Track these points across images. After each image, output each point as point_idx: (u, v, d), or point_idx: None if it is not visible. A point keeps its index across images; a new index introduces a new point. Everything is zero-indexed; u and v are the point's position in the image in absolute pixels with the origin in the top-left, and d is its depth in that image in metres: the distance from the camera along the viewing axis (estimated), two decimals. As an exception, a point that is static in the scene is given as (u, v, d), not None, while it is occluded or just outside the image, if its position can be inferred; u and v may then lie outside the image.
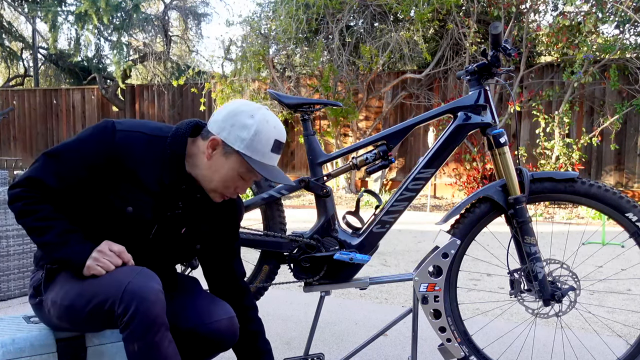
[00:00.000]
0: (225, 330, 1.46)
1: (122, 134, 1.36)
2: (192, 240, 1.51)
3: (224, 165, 1.38)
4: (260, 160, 1.38)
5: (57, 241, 1.33)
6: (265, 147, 1.37)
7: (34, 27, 13.08)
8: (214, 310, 1.47)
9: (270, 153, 1.38)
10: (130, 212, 1.38)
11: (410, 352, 1.93)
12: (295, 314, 2.86)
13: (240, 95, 8.57)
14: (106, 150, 1.35)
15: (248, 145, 1.36)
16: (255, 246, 1.94)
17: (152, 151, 1.38)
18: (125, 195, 1.37)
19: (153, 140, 1.39)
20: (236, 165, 1.38)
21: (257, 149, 1.36)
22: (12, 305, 2.92)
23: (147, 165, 1.38)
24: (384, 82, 8.56)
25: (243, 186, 1.43)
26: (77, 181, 1.36)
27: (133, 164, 1.36)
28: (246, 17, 8.64)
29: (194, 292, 1.53)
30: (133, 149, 1.36)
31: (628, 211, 1.78)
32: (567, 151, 7.10)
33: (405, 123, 1.90)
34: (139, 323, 1.23)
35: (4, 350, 1.38)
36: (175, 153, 1.39)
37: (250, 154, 1.36)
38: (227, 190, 1.42)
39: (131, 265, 1.36)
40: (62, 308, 1.35)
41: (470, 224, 1.85)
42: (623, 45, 6.80)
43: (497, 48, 1.76)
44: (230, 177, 1.39)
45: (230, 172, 1.38)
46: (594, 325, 2.67)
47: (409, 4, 7.38)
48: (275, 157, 1.41)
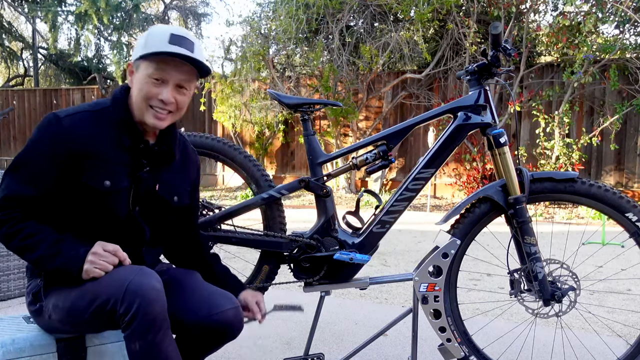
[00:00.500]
0: (232, 319, 1.47)
1: (68, 120, 1.38)
2: (168, 195, 1.52)
3: (138, 78, 1.41)
4: (157, 50, 1.37)
5: (49, 253, 1.33)
6: (160, 41, 1.37)
7: (34, 27, 13.08)
8: (219, 301, 1.48)
9: (169, 45, 1.37)
10: (108, 185, 1.39)
11: (410, 352, 1.93)
12: (296, 314, 2.85)
13: (240, 95, 8.57)
14: (60, 140, 1.36)
15: (144, 47, 1.39)
16: (255, 246, 1.94)
17: (102, 123, 1.41)
18: (97, 172, 1.38)
19: (98, 114, 1.42)
20: (144, 70, 1.40)
21: (154, 45, 1.38)
22: (12, 305, 2.92)
23: (103, 137, 1.40)
24: (384, 82, 8.55)
25: (162, 91, 1.40)
26: (51, 181, 1.36)
27: (91, 141, 1.38)
28: (246, 17, 8.64)
29: (197, 285, 1.54)
30: (84, 128, 1.38)
31: (628, 211, 1.78)
32: (567, 151, 7.10)
33: (405, 123, 1.90)
34: (140, 322, 1.24)
35: (4, 350, 1.38)
36: (122, 116, 1.42)
37: (148, 50, 1.38)
38: (152, 102, 1.40)
39: (130, 265, 1.37)
40: (65, 311, 1.35)
41: (470, 224, 1.85)
42: (623, 45, 6.80)
43: (497, 48, 1.76)
44: (145, 85, 1.40)
45: (143, 79, 1.40)
46: (594, 325, 2.67)
47: (409, 4, 7.38)
48: (178, 48, 1.37)
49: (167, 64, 1.39)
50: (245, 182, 2.05)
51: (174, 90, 1.41)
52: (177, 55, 1.37)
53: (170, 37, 1.38)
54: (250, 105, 8.79)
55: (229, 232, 1.94)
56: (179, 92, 1.43)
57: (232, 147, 2.01)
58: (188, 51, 1.39)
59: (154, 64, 1.39)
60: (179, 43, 1.38)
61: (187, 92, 1.45)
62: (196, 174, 1.64)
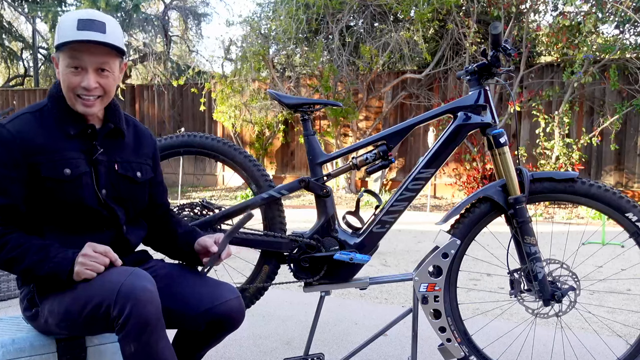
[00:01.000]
0: (235, 309, 1.48)
1: (10, 125, 1.40)
2: (131, 172, 1.53)
3: (61, 71, 1.42)
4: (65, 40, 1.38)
5: (36, 259, 1.33)
6: (69, 29, 1.38)
7: (34, 27, 13.08)
8: (221, 292, 1.49)
9: (78, 32, 1.37)
10: (69, 173, 1.40)
11: (410, 352, 1.93)
12: (295, 314, 2.86)
13: (240, 95, 8.58)
14: (11, 143, 1.37)
15: (57, 38, 1.40)
16: (255, 246, 1.94)
17: (44, 121, 1.44)
18: (54, 164, 1.40)
19: (39, 113, 1.45)
20: (63, 61, 1.41)
21: (64, 34, 1.38)
22: (12, 305, 2.92)
23: (49, 132, 1.42)
24: (384, 82, 8.55)
25: (83, 78, 1.40)
26: (20, 186, 1.37)
27: (39, 138, 1.40)
28: (246, 17, 8.64)
29: (197, 278, 1.54)
30: (29, 129, 1.40)
31: (628, 211, 1.78)
32: (567, 151, 7.10)
33: (405, 123, 1.91)
34: (134, 324, 1.24)
35: (4, 351, 1.38)
36: (61, 108, 1.45)
37: (58, 42, 1.40)
38: (77, 91, 1.41)
39: (123, 267, 1.37)
40: (60, 315, 1.35)
41: (470, 224, 1.85)
42: (623, 45, 6.80)
43: (497, 48, 1.76)
44: (66, 76, 1.41)
45: (64, 71, 1.41)
46: (594, 325, 2.67)
47: (409, 4, 7.38)
48: (88, 33, 1.37)
49: (80, 51, 1.39)
50: (245, 182, 2.05)
51: (95, 75, 1.42)
52: (85, 41, 1.38)
53: (78, 23, 1.38)
54: (250, 105, 8.79)
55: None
56: (101, 75, 1.43)
57: (232, 147, 2.01)
58: (98, 33, 1.38)
59: (68, 53, 1.40)
60: (88, 27, 1.38)
61: (110, 73, 1.44)
62: (153, 148, 1.64)
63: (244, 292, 2.00)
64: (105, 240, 1.44)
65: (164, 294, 1.37)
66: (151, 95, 10.66)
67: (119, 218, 1.49)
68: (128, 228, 1.53)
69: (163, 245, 1.67)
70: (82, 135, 1.46)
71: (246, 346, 2.38)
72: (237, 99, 8.66)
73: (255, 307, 2.92)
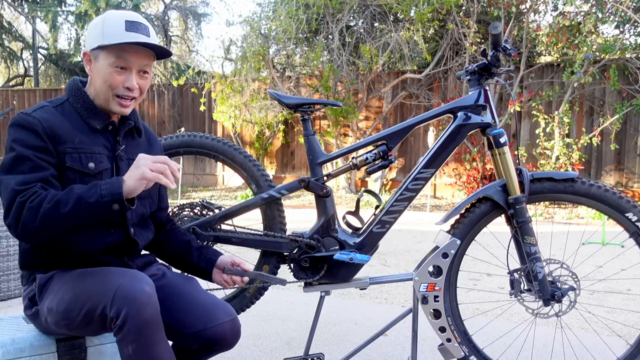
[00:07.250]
0: (229, 332, 1.47)
1: (36, 113, 1.40)
2: None
3: (100, 68, 1.43)
4: (118, 42, 1.40)
5: (85, 189, 1.31)
6: (117, 28, 1.40)
7: (34, 27, 13.08)
8: (216, 314, 1.47)
9: (126, 32, 1.40)
10: (92, 168, 1.41)
11: (410, 352, 1.93)
12: (295, 314, 2.86)
13: (240, 95, 8.58)
14: (38, 127, 1.37)
15: (102, 37, 1.40)
16: (255, 246, 1.94)
17: (66, 114, 1.44)
18: (78, 155, 1.40)
19: (60, 107, 1.45)
20: (105, 60, 1.41)
21: (111, 34, 1.39)
22: (12, 305, 2.92)
23: (72, 124, 1.43)
24: (384, 82, 8.55)
25: (127, 79, 1.43)
26: (51, 168, 1.37)
27: (62, 128, 1.40)
28: (246, 17, 8.64)
29: (195, 294, 1.53)
30: (53, 119, 1.41)
31: (628, 211, 1.78)
32: (567, 151, 7.10)
33: (405, 123, 1.91)
34: (131, 326, 1.23)
35: (4, 351, 1.38)
36: (84, 103, 1.45)
37: (107, 42, 1.40)
38: (117, 91, 1.43)
39: (122, 268, 1.37)
40: (58, 314, 1.35)
41: (470, 224, 1.85)
42: (623, 45, 6.81)
43: (497, 48, 1.76)
44: (108, 74, 1.42)
45: (106, 69, 1.42)
46: (594, 325, 2.67)
47: (409, 4, 7.38)
48: (136, 35, 1.41)
49: (127, 51, 1.42)
50: (245, 182, 2.05)
51: (137, 76, 1.45)
52: (135, 43, 1.40)
53: (126, 24, 1.41)
54: (250, 105, 8.80)
55: (229, 232, 1.94)
56: (141, 77, 1.47)
57: (232, 147, 2.01)
58: (145, 36, 1.43)
59: (114, 53, 1.41)
60: (136, 29, 1.41)
61: (148, 75, 1.49)
62: (160, 150, 1.68)
63: (243, 292, 2.00)
64: (112, 241, 1.44)
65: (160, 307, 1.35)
66: (151, 95, 10.66)
67: (128, 219, 1.48)
68: (136, 229, 1.52)
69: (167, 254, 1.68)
70: (105, 131, 1.47)
71: (246, 346, 2.38)
72: (237, 99, 8.66)
73: (255, 307, 2.93)
